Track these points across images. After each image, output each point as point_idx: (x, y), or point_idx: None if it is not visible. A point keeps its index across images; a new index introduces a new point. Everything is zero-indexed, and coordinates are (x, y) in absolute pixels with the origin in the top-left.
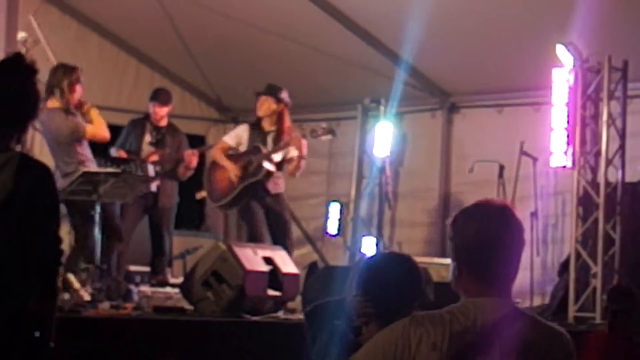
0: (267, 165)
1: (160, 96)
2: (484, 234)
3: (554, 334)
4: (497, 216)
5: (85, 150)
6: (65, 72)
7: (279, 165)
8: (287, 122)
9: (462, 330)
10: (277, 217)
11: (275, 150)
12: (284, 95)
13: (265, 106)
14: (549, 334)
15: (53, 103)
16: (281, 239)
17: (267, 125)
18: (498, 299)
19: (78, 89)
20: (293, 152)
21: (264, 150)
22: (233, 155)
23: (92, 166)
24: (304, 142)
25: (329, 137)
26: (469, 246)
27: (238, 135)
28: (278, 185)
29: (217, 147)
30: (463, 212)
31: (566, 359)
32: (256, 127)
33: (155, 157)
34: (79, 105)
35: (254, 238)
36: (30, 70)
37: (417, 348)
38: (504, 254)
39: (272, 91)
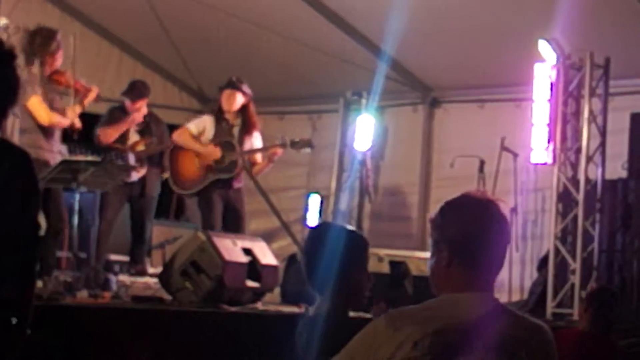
0: (240, 164)
1: (133, 93)
2: (479, 225)
3: (536, 328)
4: (489, 209)
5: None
6: (46, 41)
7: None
8: (254, 114)
9: (444, 328)
10: (234, 213)
11: (251, 151)
12: (247, 88)
13: (233, 100)
14: (531, 329)
15: (33, 70)
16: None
17: (231, 118)
18: (480, 294)
19: (58, 56)
20: (258, 143)
21: (238, 149)
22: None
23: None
24: (280, 152)
25: (307, 150)
26: (463, 236)
27: (202, 125)
28: (240, 179)
29: (181, 132)
30: (454, 203)
31: (549, 352)
32: (221, 119)
33: (142, 146)
34: (79, 89)
35: (204, 229)
36: (9, 56)
37: (398, 349)
38: (494, 247)
39: (237, 85)
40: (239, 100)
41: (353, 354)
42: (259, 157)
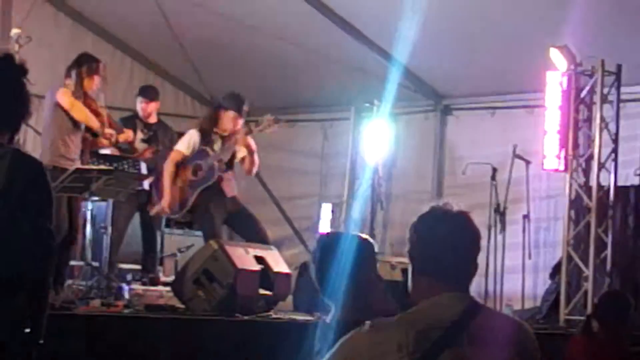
0: (217, 166)
1: (147, 92)
2: (450, 234)
3: (516, 324)
4: (459, 219)
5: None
6: (88, 59)
7: (229, 165)
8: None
9: (427, 328)
10: (242, 217)
11: (222, 151)
12: (245, 107)
13: (237, 124)
14: (512, 325)
15: (67, 81)
16: (256, 237)
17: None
18: (457, 293)
19: (96, 79)
20: (242, 152)
21: (211, 153)
22: (181, 163)
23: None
24: (249, 138)
25: (275, 127)
26: (436, 246)
27: (191, 142)
28: (233, 187)
29: (171, 159)
30: (426, 215)
31: (530, 347)
32: (205, 131)
33: (149, 154)
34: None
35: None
36: (20, 70)
37: (382, 354)
38: (465, 255)
39: (244, 112)
40: (240, 123)
41: None
42: (240, 154)
